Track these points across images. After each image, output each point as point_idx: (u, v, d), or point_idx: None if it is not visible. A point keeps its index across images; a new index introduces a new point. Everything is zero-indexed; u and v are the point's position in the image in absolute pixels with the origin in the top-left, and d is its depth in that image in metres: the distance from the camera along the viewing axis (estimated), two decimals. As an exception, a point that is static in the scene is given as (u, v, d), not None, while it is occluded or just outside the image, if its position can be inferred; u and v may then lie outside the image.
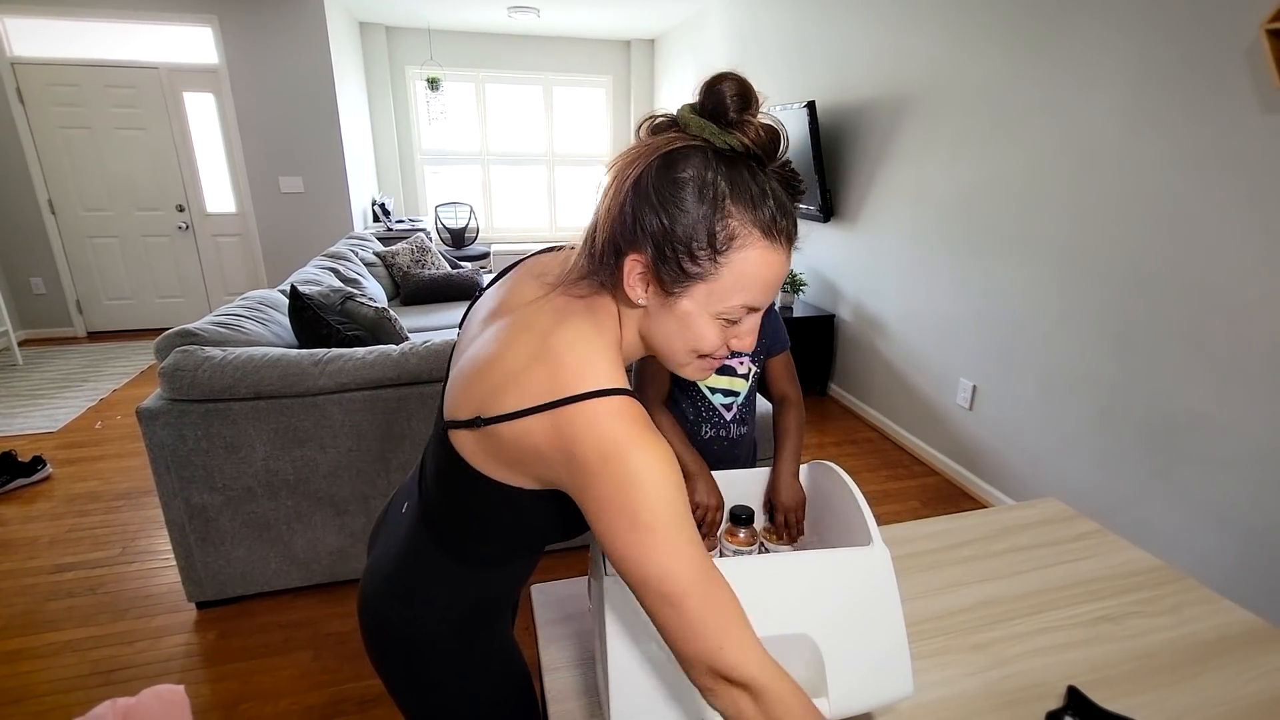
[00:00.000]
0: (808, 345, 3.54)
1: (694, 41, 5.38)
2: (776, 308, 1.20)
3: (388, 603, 0.76)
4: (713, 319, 0.61)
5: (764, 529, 0.87)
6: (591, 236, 0.63)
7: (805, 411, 1.18)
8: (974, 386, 2.59)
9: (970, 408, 2.61)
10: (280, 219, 4.86)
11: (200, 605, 1.94)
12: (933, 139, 2.70)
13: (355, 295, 2.54)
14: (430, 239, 4.70)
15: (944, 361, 2.76)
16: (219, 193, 4.74)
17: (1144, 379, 1.92)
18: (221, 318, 2.02)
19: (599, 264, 0.63)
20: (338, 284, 2.87)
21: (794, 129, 3.38)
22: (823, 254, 3.66)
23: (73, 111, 4.30)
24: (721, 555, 0.88)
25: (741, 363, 1.12)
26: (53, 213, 4.43)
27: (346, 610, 1.93)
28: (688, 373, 0.67)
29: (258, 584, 1.93)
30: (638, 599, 0.57)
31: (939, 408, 2.80)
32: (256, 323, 2.11)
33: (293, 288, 2.21)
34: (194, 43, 4.41)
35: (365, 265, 3.84)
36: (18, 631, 1.84)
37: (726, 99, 0.57)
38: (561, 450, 0.58)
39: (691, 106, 0.59)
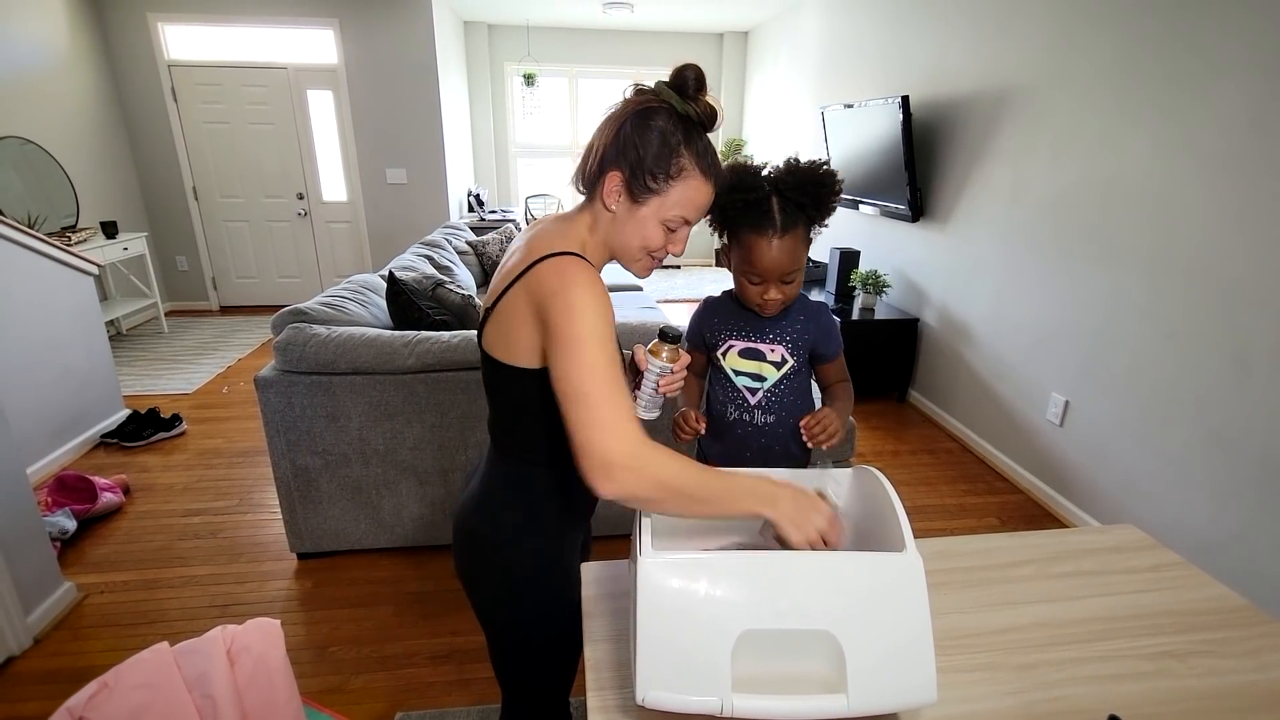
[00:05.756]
0: (889, 349, 3.43)
1: (788, 33, 5.28)
2: (849, 312, 1.20)
3: (468, 517, 0.97)
4: (660, 224, 0.85)
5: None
6: (585, 161, 0.87)
7: (854, 403, 1.27)
8: (1066, 402, 2.43)
9: (1061, 424, 2.45)
10: (385, 208, 5.23)
11: (300, 556, 2.16)
12: (1034, 136, 2.54)
13: (445, 282, 2.71)
14: (519, 229, 4.91)
15: (1035, 373, 2.60)
16: (333, 183, 5.17)
17: (1263, 405, 1.74)
18: (328, 299, 2.23)
19: (588, 182, 0.87)
20: (431, 271, 3.08)
21: (886, 124, 3.27)
22: (909, 255, 3.52)
23: (215, 108, 4.81)
24: (640, 374, 0.95)
25: (773, 349, 1.13)
26: (196, 198, 4.99)
27: (426, 573, 2.09)
28: (636, 269, 0.90)
29: (349, 541, 2.13)
30: (560, 404, 0.77)
31: (1027, 422, 2.65)
32: (358, 304, 2.31)
33: (390, 273, 2.40)
34: (316, 44, 4.81)
35: (458, 253, 4.07)
36: (156, 564, 2.13)
37: (689, 80, 0.81)
38: (529, 300, 0.81)
39: (664, 82, 0.83)
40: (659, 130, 0.80)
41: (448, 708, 1.60)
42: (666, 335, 0.93)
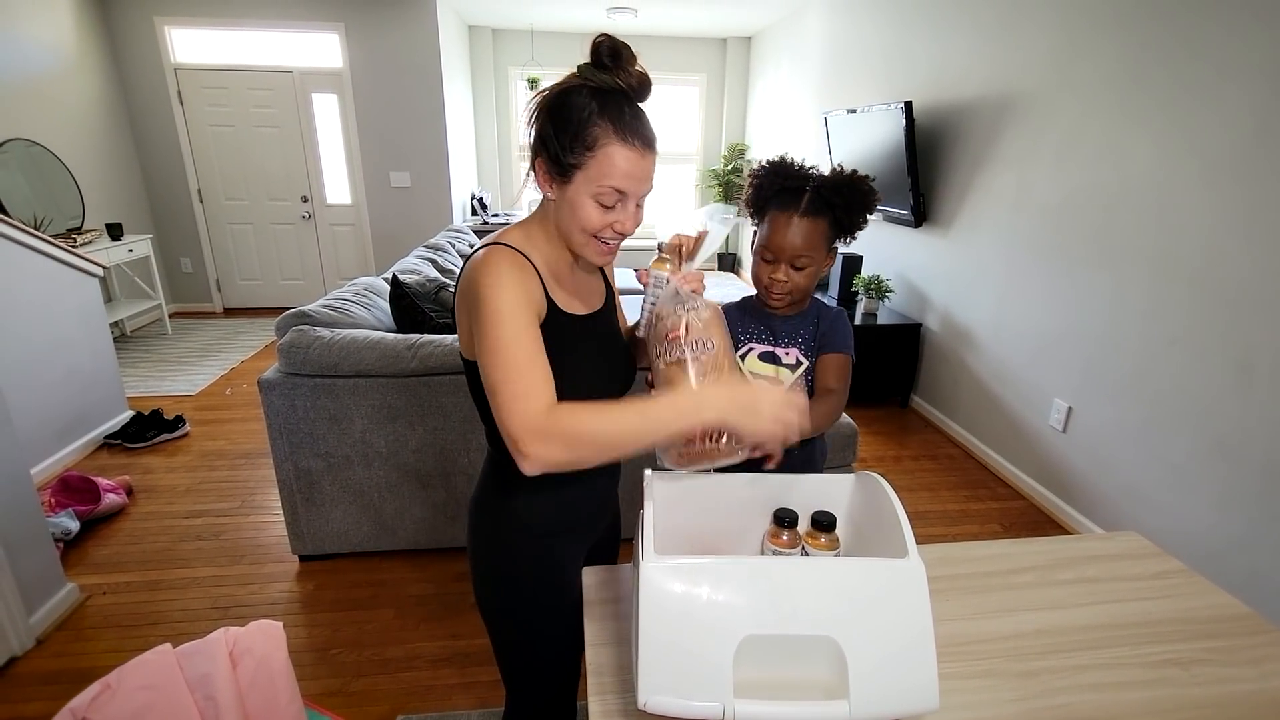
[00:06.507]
0: (891, 354, 3.42)
1: (791, 38, 5.29)
2: (851, 316, 1.20)
3: (469, 515, 1.01)
4: (591, 199, 0.82)
5: (806, 533, 0.89)
6: (529, 161, 0.87)
7: (843, 412, 1.17)
8: (1069, 408, 2.42)
9: (1064, 430, 2.45)
10: (389, 211, 5.24)
11: (302, 558, 2.16)
12: (1038, 141, 2.54)
13: (448, 285, 2.72)
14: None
15: (1037, 379, 2.60)
16: (337, 186, 5.18)
17: (1267, 411, 1.74)
18: (332, 301, 2.24)
19: (536, 180, 0.86)
20: (434, 274, 3.09)
21: (889, 129, 3.27)
22: (912, 260, 3.52)
23: (221, 111, 4.83)
24: (762, 555, 0.91)
25: (788, 353, 1.14)
26: (200, 201, 5.00)
27: (428, 576, 2.09)
28: (588, 253, 0.87)
29: (351, 544, 2.13)
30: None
31: (1029, 428, 2.64)
32: (362, 307, 2.32)
33: (394, 276, 2.40)
34: (322, 48, 4.84)
35: (461, 257, 4.07)
36: (157, 565, 2.14)
37: (601, 51, 0.79)
38: (460, 294, 0.84)
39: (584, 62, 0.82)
40: (570, 107, 0.79)
41: (449, 710, 1.60)
42: (783, 520, 0.89)
